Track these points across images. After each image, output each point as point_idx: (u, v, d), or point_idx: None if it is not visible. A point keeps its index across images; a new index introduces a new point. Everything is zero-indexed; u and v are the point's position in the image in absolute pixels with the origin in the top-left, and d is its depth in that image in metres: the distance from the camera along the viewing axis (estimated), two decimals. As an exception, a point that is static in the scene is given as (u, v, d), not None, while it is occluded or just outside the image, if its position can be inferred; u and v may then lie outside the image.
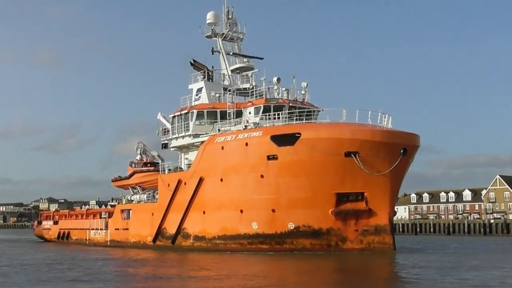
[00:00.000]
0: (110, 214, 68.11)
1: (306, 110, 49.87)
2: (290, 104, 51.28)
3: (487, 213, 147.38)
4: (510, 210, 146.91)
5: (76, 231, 72.52)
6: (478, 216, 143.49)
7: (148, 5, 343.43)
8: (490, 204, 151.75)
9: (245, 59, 59.32)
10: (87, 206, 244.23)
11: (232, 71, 59.19)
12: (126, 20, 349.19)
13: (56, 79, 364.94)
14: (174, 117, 57.54)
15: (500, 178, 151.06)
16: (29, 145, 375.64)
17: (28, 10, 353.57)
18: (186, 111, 55.65)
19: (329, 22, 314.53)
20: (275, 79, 53.10)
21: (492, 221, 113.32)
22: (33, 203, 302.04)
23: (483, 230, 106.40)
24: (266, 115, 50.35)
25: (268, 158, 46.45)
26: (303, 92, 54.23)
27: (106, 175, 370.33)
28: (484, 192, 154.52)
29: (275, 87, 52.98)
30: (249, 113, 52.46)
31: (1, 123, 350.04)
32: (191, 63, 58.58)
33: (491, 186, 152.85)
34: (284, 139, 45.55)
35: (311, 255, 43.82)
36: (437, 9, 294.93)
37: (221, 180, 49.57)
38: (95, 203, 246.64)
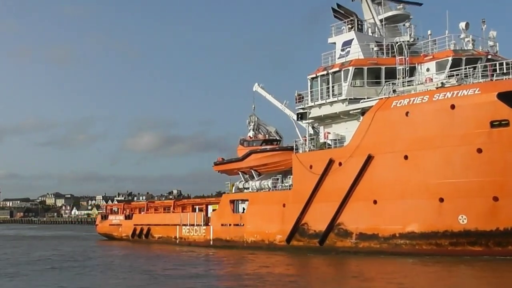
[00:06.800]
0: (207, 207, 55.26)
1: (505, 63, 36.56)
2: (489, 57, 38.17)
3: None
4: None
5: (160, 227, 59.08)
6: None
7: (156, 5, 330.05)
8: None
9: (398, 5, 45.82)
10: (93, 201, 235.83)
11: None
12: (138, 15, 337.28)
13: (69, 75, 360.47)
14: (314, 78, 43.99)
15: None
16: (40, 140, 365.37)
17: (42, 8, 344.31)
18: (336, 69, 42.19)
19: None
20: (462, 24, 39.82)
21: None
22: (40, 198, 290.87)
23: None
24: (453, 71, 37.37)
25: (493, 125, 33.24)
26: (491, 43, 40.89)
27: (114, 170, 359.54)
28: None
29: (462, 35, 39.72)
30: (427, 70, 39.47)
31: (14, 118, 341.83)
32: (333, 9, 45.04)
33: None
34: None
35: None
36: None
37: (405, 157, 36.48)
38: (101, 198, 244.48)
